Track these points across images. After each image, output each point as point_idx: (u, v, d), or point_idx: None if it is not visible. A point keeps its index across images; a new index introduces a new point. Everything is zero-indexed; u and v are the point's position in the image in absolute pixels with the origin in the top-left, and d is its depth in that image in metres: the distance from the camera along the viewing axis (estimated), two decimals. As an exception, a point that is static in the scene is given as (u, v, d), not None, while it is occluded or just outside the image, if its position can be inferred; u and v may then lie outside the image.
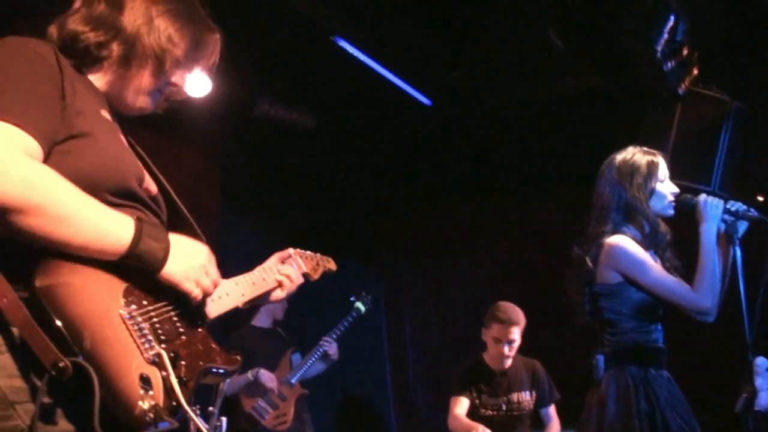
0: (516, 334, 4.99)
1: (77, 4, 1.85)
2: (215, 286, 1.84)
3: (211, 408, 3.76)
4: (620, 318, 3.26)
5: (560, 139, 6.33)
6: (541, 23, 4.92)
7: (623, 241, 3.24)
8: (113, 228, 1.58)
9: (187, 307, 1.80)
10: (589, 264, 3.30)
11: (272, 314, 5.97)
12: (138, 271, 1.64)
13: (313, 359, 5.84)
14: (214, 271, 1.83)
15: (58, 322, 1.43)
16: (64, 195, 1.51)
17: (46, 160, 1.55)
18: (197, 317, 1.85)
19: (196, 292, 1.76)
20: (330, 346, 5.89)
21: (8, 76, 1.55)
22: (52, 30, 1.83)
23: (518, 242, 7.02)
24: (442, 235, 7.65)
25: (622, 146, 3.47)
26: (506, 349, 4.98)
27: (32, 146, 1.50)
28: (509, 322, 4.97)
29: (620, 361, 3.25)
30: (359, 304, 6.13)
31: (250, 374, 5.47)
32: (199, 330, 1.83)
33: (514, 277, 6.76)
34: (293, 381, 5.75)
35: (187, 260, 1.74)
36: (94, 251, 1.55)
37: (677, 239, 3.41)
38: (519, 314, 5.04)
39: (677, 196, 3.36)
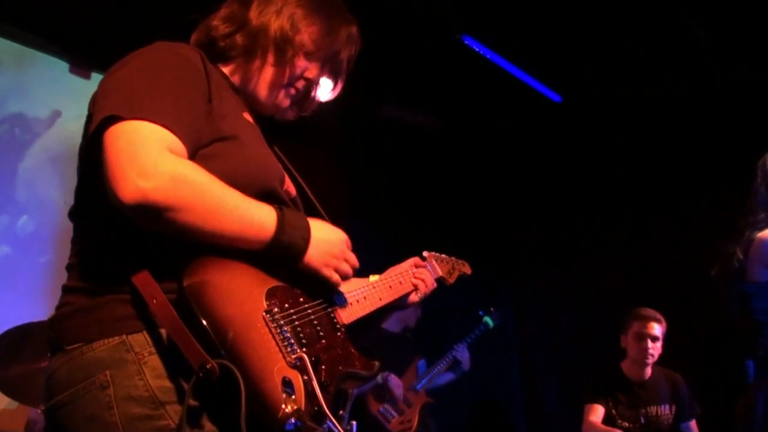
0: (658, 330, 4.89)
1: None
2: (354, 269, 1.85)
3: (341, 411, 3.82)
4: None
5: (703, 137, 6.06)
6: (681, 13, 4.72)
7: None
8: (257, 217, 1.59)
9: (327, 309, 1.82)
10: (739, 259, 3.13)
11: (404, 321, 6.00)
12: (280, 260, 1.66)
13: (442, 366, 5.84)
14: (352, 256, 1.84)
15: (204, 322, 1.46)
16: (211, 188, 1.52)
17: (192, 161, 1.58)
18: (336, 321, 1.85)
19: (335, 278, 1.78)
20: (462, 355, 5.87)
21: (156, 79, 1.59)
22: (194, 36, 1.90)
23: (658, 249, 6.73)
24: (575, 242, 7.45)
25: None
26: (650, 345, 4.85)
27: (177, 144, 1.52)
28: (650, 318, 4.90)
29: None
30: (487, 319, 6.11)
31: (379, 377, 5.53)
32: (338, 334, 1.83)
33: (655, 285, 6.50)
34: (419, 387, 5.77)
35: (326, 245, 1.75)
36: (242, 241, 1.57)
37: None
38: (659, 315, 4.95)
39: None
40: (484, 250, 7.30)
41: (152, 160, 1.45)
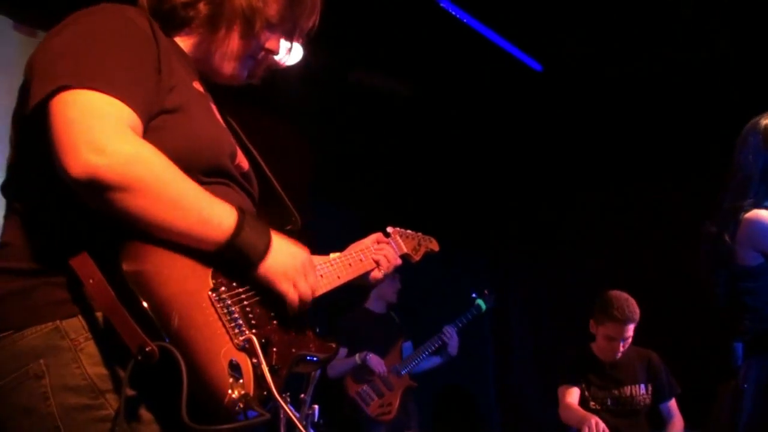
0: (632, 330, 4.83)
1: None
2: (313, 295, 1.81)
3: (303, 395, 3.85)
4: (761, 303, 3.10)
5: (686, 114, 6.09)
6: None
7: (765, 216, 3.08)
8: (215, 215, 1.58)
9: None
10: (726, 242, 3.14)
11: (384, 297, 6.04)
12: (234, 264, 1.63)
13: (429, 351, 5.88)
14: (313, 278, 1.80)
15: (145, 304, 1.44)
16: (169, 175, 1.51)
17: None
18: None
19: (293, 295, 1.74)
20: (450, 339, 5.90)
21: (105, 45, 1.56)
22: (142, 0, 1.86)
23: (638, 229, 6.79)
24: (553, 219, 7.50)
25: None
26: (621, 347, 4.85)
27: (134, 120, 1.51)
28: (625, 320, 4.77)
29: (762, 349, 3.10)
30: (480, 302, 6.16)
31: (357, 357, 5.59)
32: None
33: (638, 265, 6.56)
34: (403, 372, 5.81)
35: (288, 259, 1.72)
36: (193, 239, 1.55)
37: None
38: (634, 308, 4.81)
39: None
40: (457, 226, 7.31)
41: (108, 135, 1.43)
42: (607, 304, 4.85)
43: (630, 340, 4.88)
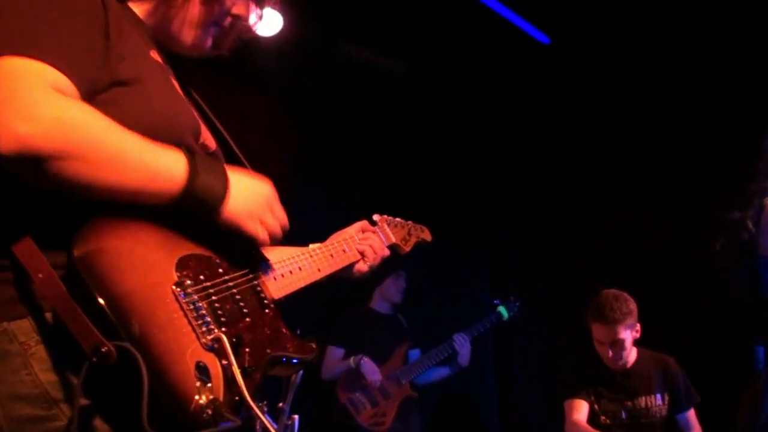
0: (623, 333, 4.70)
1: None
2: (282, 227, 1.82)
3: (281, 404, 3.77)
4: None
5: (705, 93, 6.04)
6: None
7: None
8: (164, 165, 1.55)
9: (253, 281, 1.77)
10: (750, 229, 3.10)
11: (387, 297, 5.99)
12: (194, 214, 1.61)
13: (437, 359, 5.81)
14: (280, 210, 1.81)
15: (101, 301, 1.41)
16: (106, 133, 1.47)
17: None
18: (264, 296, 1.82)
19: (262, 234, 1.75)
20: (462, 347, 5.83)
21: (40, 8, 1.52)
22: None
23: (649, 226, 6.72)
24: (558, 211, 7.45)
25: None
26: (610, 353, 4.75)
27: (65, 84, 1.47)
28: (608, 322, 4.68)
29: None
30: (502, 309, 6.09)
31: (352, 361, 5.55)
32: (267, 311, 1.80)
33: (650, 261, 6.49)
34: (404, 380, 5.74)
35: (250, 196, 1.72)
36: (146, 195, 1.52)
37: None
38: (621, 308, 4.68)
39: None
40: (453, 217, 7.26)
41: (34, 100, 1.40)
42: (594, 305, 4.80)
43: (625, 344, 4.74)
